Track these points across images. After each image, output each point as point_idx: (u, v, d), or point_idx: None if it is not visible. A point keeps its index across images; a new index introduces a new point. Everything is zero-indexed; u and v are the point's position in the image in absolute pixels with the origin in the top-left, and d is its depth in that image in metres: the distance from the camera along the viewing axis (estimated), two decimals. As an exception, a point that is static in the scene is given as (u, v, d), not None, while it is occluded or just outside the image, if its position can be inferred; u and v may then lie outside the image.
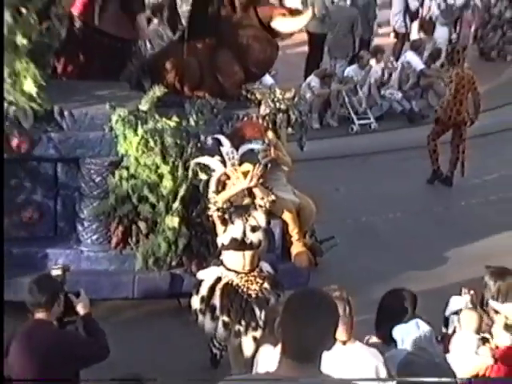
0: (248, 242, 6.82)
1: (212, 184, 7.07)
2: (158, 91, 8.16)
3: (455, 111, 11.41)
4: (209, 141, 8.05)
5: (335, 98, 14.02)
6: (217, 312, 6.86)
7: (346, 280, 8.35)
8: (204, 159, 7.54)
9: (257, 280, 6.89)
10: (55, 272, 5.80)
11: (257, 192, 6.97)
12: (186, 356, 7.41)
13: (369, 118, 14.04)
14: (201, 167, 7.79)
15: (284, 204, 7.76)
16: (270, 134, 8.19)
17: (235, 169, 7.13)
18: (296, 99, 8.81)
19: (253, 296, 6.83)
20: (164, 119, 8.02)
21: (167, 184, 8.01)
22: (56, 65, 8.96)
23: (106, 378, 5.02)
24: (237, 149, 7.40)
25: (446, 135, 11.75)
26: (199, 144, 8.08)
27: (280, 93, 8.71)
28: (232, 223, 6.84)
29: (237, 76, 8.73)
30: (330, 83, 14.00)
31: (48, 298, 5.37)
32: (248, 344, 6.81)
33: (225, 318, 6.83)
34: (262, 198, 6.94)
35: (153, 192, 8.05)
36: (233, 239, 6.80)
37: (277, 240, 8.34)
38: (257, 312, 6.80)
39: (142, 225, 8.14)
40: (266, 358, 5.06)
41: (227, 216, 6.84)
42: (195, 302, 6.97)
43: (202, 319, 6.93)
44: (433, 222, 10.50)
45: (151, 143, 7.96)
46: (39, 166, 8.22)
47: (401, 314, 5.57)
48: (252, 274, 6.89)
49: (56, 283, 5.61)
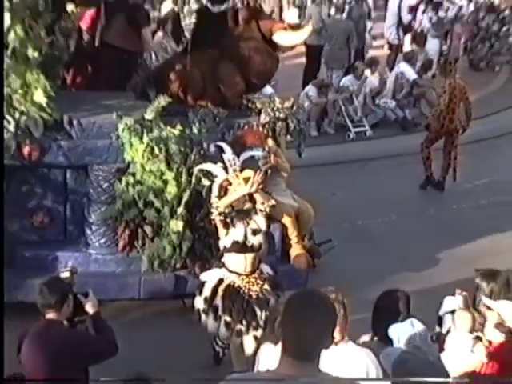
0: (249, 245, 6.80)
1: (214, 189, 7.06)
2: (163, 101, 8.16)
3: (448, 120, 11.41)
4: (211, 148, 8.04)
5: (332, 107, 14.03)
6: (219, 312, 6.85)
7: (343, 281, 8.34)
8: (207, 166, 7.53)
9: (257, 281, 6.87)
10: (64, 274, 5.79)
11: (257, 197, 6.95)
12: (190, 354, 7.39)
13: (364, 126, 14.03)
14: (204, 173, 7.78)
15: (283, 208, 7.74)
16: (270, 142, 8.18)
17: (236, 175, 7.12)
18: (294, 108, 8.79)
19: (253, 297, 6.82)
20: (168, 127, 8.01)
21: (172, 190, 8.00)
22: (65, 76, 8.97)
23: (114, 375, 5.00)
24: (238, 156, 7.39)
25: (439, 142, 11.74)
26: (202, 151, 8.07)
27: (279, 102, 8.69)
28: (234, 227, 6.82)
29: (238, 86, 8.72)
30: (327, 93, 14.00)
31: (58, 299, 5.37)
32: (249, 343, 6.80)
33: (227, 318, 6.82)
34: (263, 203, 6.93)
35: (158, 197, 8.05)
36: (234, 242, 6.79)
37: (276, 243, 8.34)
38: (257, 312, 6.78)
39: (148, 229, 8.13)
40: (267, 356, 5.04)
41: (229, 220, 6.83)
42: (198, 303, 6.96)
43: (205, 319, 6.91)
44: (425, 225, 10.49)
45: (156, 150, 7.95)
46: (49, 173, 8.22)
47: (396, 314, 5.55)
48: (253, 276, 6.87)
49: (65, 285, 5.60)
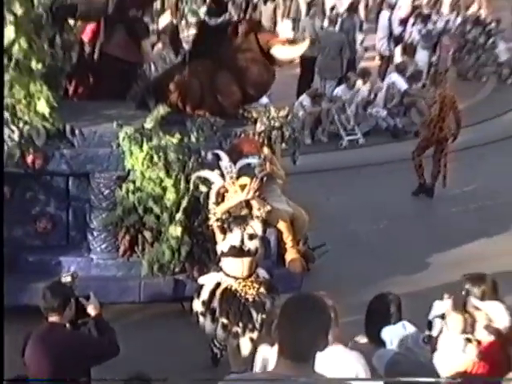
0: (246, 250, 6.79)
1: (212, 196, 7.06)
2: (162, 110, 8.16)
3: (438, 128, 11.42)
4: (209, 156, 8.04)
5: (325, 116, 14.03)
6: (217, 314, 6.83)
7: (337, 284, 8.37)
8: (204, 173, 7.52)
9: (254, 285, 6.86)
10: (65, 279, 5.79)
11: (254, 203, 6.94)
12: (189, 355, 7.37)
13: (356, 134, 14.03)
14: (201, 180, 7.77)
15: (279, 214, 7.72)
16: (266, 150, 8.18)
17: (233, 182, 7.11)
18: (289, 117, 8.78)
19: (250, 300, 6.80)
20: (167, 136, 8.01)
21: (170, 196, 7.99)
22: (67, 87, 8.97)
23: (115, 375, 4.99)
24: (235, 163, 7.38)
25: (430, 150, 11.73)
26: (200, 159, 8.07)
27: (274, 111, 8.69)
28: (231, 232, 6.81)
29: (235, 96, 8.70)
30: (321, 102, 14.01)
31: (60, 303, 5.37)
32: (245, 344, 6.79)
33: (224, 320, 6.81)
34: (259, 209, 6.92)
35: (157, 204, 8.04)
36: (231, 247, 6.78)
37: (272, 247, 8.32)
38: (254, 315, 6.77)
39: (148, 234, 8.12)
40: (264, 357, 5.03)
41: (226, 225, 6.82)
42: (197, 306, 6.95)
43: (203, 321, 6.90)
44: (416, 230, 10.48)
45: (155, 158, 7.95)
46: (52, 181, 8.22)
47: (388, 317, 5.54)
48: (249, 280, 6.86)
49: (67, 289, 5.60)
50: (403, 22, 17.38)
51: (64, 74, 8.59)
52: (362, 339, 5.59)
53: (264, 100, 11.36)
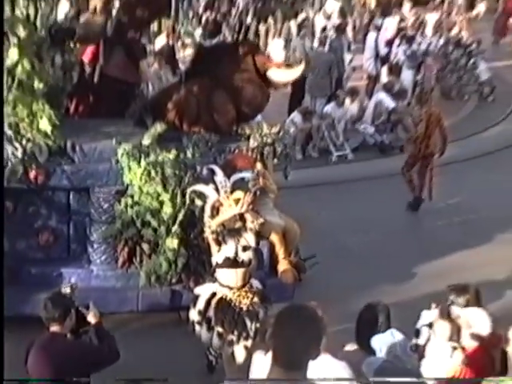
0: (240, 261, 6.78)
1: (207, 210, 7.05)
2: (159, 128, 8.17)
3: (424, 145, 11.44)
4: (204, 171, 8.03)
5: (316, 132, 14.04)
6: (212, 323, 6.81)
7: (327, 294, 8.35)
8: (200, 187, 7.50)
9: (248, 295, 6.84)
10: (65, 290, 5.78)
11: (247, 216, 6.94)
12: (186, 362, 7.34)
13: (345, 150, 14.05)
14: (197, 194, 7.76)
15: (271, 227, 7.70)
16: (259, 165, 8.17)
17: (227, 196, 7.10)
18: (281, 133, 8.79)
19: (244, 309, 6.79)
20: (164, 152, 8.01)
21: (167, 210, 7.98)
22: (69, 105, 8.97)
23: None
24: (229, 178, 7.36)
25: None
26: (195, 174, 8.07)
27: (267, 128, 8.69)
28: (225, 244, 6.80)
29: (230, 115, 8.69)
30: (311, 119, 14.02)
31: (61, 313, 5.36)
32: (240, 352, 6.76)
33: (219, 329, 6.79)
34: (252, 222, 6.91)
35: (154, 217, 8.03)
36: (226, 258, 6.77)
37: (265, 258, 8.32)
38: (248, 323, 6.75)
39: (145, 246, 8.11)
40: (259, 365, 5.01)
41: (221, 238, 6.81)
42: (193, 315, 6.93)
43: (199, 330, 6.88)
44: (402, 242, 10.48)
45: (153, 174, 7.95)
46: (54, 195, 8.21)
47: (377, 326, 5.55)
48: (243, 290, 6.84)
49: (67, 299, 5.59)
50: (389, 43, 17.47)
51: (65, 94, 8.60)
52: (352, 347, 5.58)
53: (257, 117, 11.39)
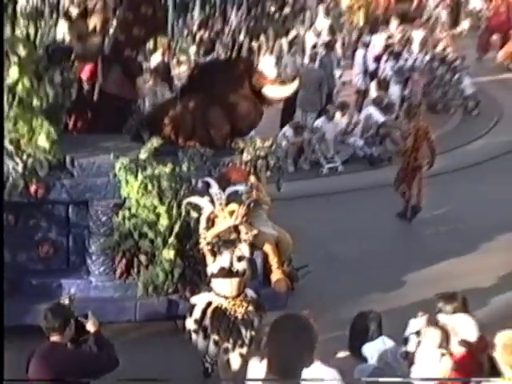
0: (234, 271, 6.78)
1: (202, 222, 7.05)
2: (155, 142, 8.18)
3: (413, 158, 11.46)
4: (199, 184, 8.05)
5: (307, 146, 14.05)
6: (208, 331, 6.81)
7: (319, 302, 8.34)
8: (195, 199, 7.51)
9: (242, 303, 6.84)
10: (63, 301, 5.79)
11: (242, 228, 6.95)
12: (182, 369, 7.31)
13: (336, 162, 14.06)
14: (192, 206, 7.77)
15: (265, 237, 7.71)
16: (252, 178, 8.18)
17: (222, 208, 7.11)
18: (274, 147, 8.81)
19: (239, 318, 6.78)
20: (160, 166, 8.02)
21: (164, 222, 7.98)
22: (68, 121, 8.97)
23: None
24: (223, 190, 7.38)
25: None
26: (191, 187, 8.08)
27: (260, 142, 8.71)
28: (220, 254, 6.81)
29: (224, 130, 8.71)
30: (302, 133, 14.04)
31: (61, 323, 5.35)
32: (235, 359, 6.76)
33: (215, 337, 6.78)
34: (246, 233, 6.93)
35: (151, 229, 8.03)
36: (221, 268, 6.77)
37: (259, 268, 8.30)
38: (243, 331, 6.75)
39: (143, 257, 8.10)
40: (254, 371, 4.99)
41: (216, 248, 6.81)
42: (189, 324, 6.92)
43: (196, 338, 6.88)
44: (392, 251, 10.47)
45: (149, 187, 7.95)
46: (54, 209, 8.20)
47: (369, 333, 5.56)
48: (238, 299, 6.84)
49: (67, 310, 5.58)
50: (377, 59, 17.53)
51: (64, 110, 8.60)
52: (344, 354, 5.58)
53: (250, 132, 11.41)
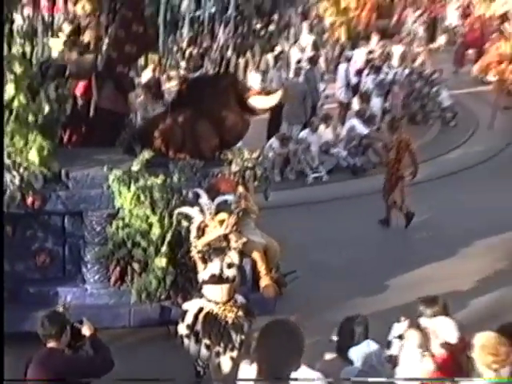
0: (225, 277, 6.79)
1: (193, 230, 7.06)
2: (147, 155, 8.19)
3: (395, 169, 11.50)
4: (190, 194, 8.05)
5: (293, 156, 14.07)
6: (200, 336, 6.80)
7: (306, 306, 8.35)
8: (186, 209, 7.52)
9: (232, 309, 6.84)
10: (59, 309, 5.81)
11: (231, 236, 6.95)
12: (175, 373, 7.28)
13: (321, 172, 14.08)
14: (183, 216, 7.76)
15: (253, 245, 7.73)
16: (240, 188, 8.20)
17: (212, 218, 7.12)
18: (261, 158, 8.84)
19: (229, 322, 6.79)
20: (152, 177, 8.03)
21: (156, 231, 7.97)
22: (63, 135, 8.97)
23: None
24: (213, 200, 7.39)
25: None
26: (182, 197, 8.09)
27: (247, 153, 8.73)
28: (211, 262, 6.81)
29: (213, 142, 8.73)
30: (288, 144, 14.07)
31: (57, 330, 5.35)
32: (226, 362, 6.75)
33: (207, 341, 6.78)
34: (236, 241, 6.93)
35: (144, 238, 8.02)
36: (212, 275, 6.77)
37: (248, 275, 8.32)
38: (233, 335, 6.75)
39: (136, 265, 8.09)
40: (245, 374, 4.99)
41: (207, 256, 6.82)
42: (182, 329, 6.91)
43: (188, 342, 6.87)
44: (376, 256, 10.50)
45: (142, 198, 7.95)
46: (50, 219, 8.18)
47: (356, 337, 5.58)
48: (228, 304, 6.84)
49: (63, 317, 5.56)
50: (359, 73, 17.62)
51: (59, 125, 8.60)
52: (331, 356, 5.59)
53: (238, 143, 11.42)
